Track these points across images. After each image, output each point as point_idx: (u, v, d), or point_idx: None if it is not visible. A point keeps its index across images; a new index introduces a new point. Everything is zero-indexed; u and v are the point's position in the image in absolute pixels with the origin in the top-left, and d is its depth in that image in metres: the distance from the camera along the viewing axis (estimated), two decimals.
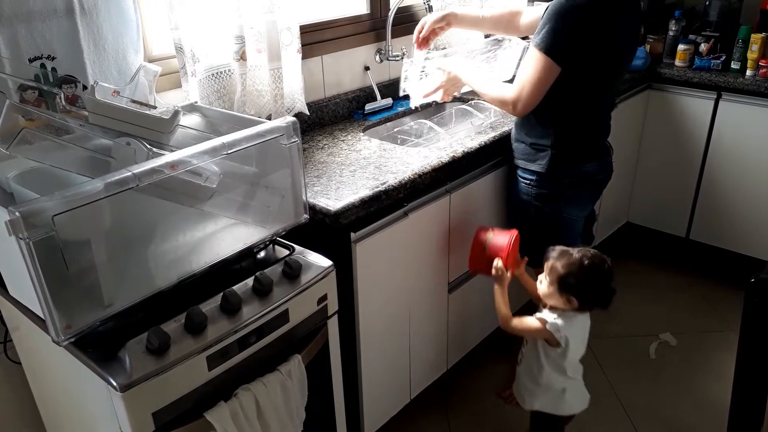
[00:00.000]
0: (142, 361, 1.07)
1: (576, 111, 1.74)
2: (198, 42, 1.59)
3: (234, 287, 1.24)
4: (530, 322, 1.61)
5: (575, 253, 1.55)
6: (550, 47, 1.59)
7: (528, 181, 1.82)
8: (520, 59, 2.07)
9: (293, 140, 1.33)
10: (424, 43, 2.02)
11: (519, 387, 1.76)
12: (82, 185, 1.02)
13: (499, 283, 1.66)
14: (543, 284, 1.60)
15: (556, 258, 1.57)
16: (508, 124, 1.97)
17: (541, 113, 1.74)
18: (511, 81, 1.78)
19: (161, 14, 1.56)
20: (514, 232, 1.72)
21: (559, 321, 1.57)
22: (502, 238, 1.70)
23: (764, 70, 2.45)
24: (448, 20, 2.00)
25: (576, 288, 1.54)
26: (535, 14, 1.87)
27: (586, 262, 1.52)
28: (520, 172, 1.84)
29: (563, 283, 1.54)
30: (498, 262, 1.66)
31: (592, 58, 1.64)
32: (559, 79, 1.64)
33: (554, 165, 1.75)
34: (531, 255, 1.79)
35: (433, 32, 2.02)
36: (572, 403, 1.71)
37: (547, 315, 1.60)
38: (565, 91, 1.67)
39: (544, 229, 1.83)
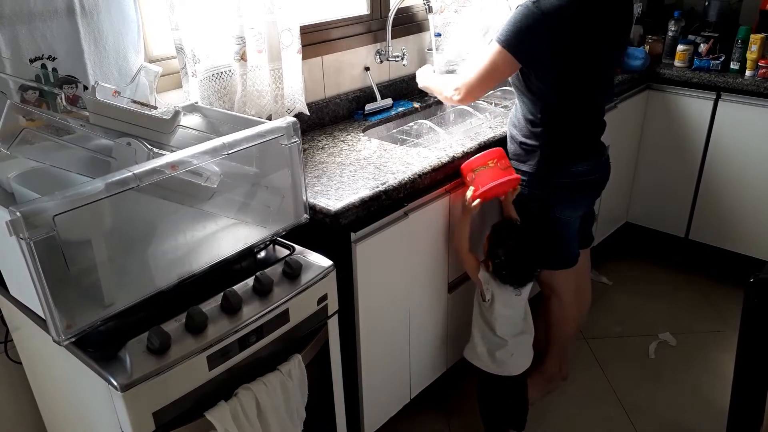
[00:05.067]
0: (143, 361, 1.07)
1: (562, 111, 1.74)
2: (198, 42, 1.59)
3: (234, 287, 1.25)
4: (474, 258, 1.79)
5: (512, 233, 1.72)
6: (509, 40, 1.63)
7: (520, 182, 1.83)
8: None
9: (293, 140, 1.34)
10: None
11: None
12: (83, 185, 1.02)
13: (465, 213, 1.76)
14: (486, 239, 1.78)
15: (500, 226, 1.75)
16: (507, 124, 1.97)
17: (529, 113, 1.75)
18: None
19: (162, 14, 1.56)
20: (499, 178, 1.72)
21: (488, 276, 1.75)
22: (485, 177, 1.74)
23: (763, 71, 2.45)
24: None
25: (498, 258, 1.70)
26: None
27: (512, 245, 1.69)
28: None
29: (492, 251, 1.72)
30: (469, 194, 1.73)
31: (560, 61, 1.65)
32: (539, 79, 1.67)
33: (544, 165, 1.76)
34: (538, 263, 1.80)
35: None
36: (502, 363, 1.81)
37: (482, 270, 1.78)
38: (548, 91, 1.69)
39: (539, 229, 1.83)
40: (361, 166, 1.73)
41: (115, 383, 1.03)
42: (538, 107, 1.73)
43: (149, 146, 1.21)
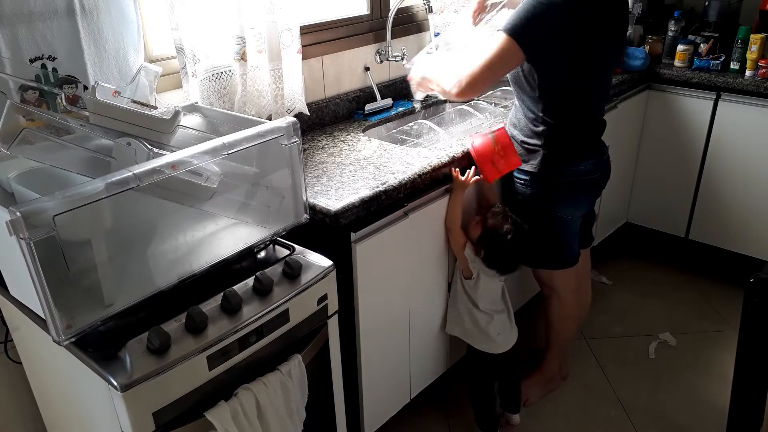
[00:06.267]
0: (143, 361, 1.07)
1: (563, 109, 1.74)
2: (198, 42, 1.59)
3: (234, 287, 1.25)
4: (464, 236, 1.80)
5: (508, 223, 1.75)
6: (516, 30, 1.60)
7: (522, 181, 1.83)
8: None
9: (293, 140, 1.34)
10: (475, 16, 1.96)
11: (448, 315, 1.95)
12: (83, 185, 1.02)
13: (460, 189, 1.77)
14: (476, 223, 1.80)
15: (495, 214, 1.77)
16: (506, 125, 1.97)
17: (530, 111, 1.75)
18: None
19: (162, 14, 1.56)
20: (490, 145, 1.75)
21: (474, 256, 1.79)
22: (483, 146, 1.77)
23: (763, 71, 2.46)
24: None
25: (490, 246, 1.75)
26: None
27: (509, 236, 1.74)
28: (514, 172, 1.84)
29: (484, 236, 1.76)
30: (455, 173, 1.76)
31: (564, 55, 1.64)
32: (540, 76, 1.66)
33: (547, 165, 1.76)
34: (527, 254, 1.82)
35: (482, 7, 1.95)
36: (491, 340, 1.85)
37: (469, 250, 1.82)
38: (549, 89, 1.69)
39: (540, 228, 1.84)
40: (361, 166, 1.73)
41: (115, 383, 1.03)
42: (539, 106, 1.73)
43: (149, 146, 1.21)
